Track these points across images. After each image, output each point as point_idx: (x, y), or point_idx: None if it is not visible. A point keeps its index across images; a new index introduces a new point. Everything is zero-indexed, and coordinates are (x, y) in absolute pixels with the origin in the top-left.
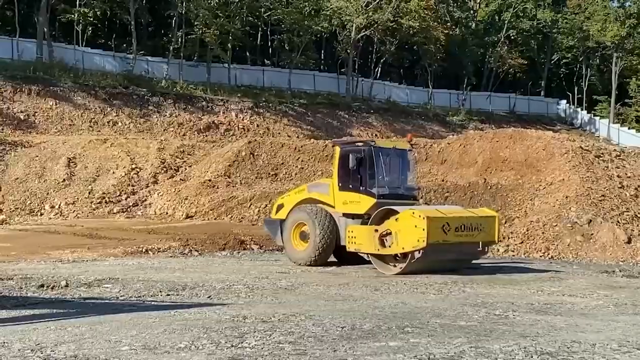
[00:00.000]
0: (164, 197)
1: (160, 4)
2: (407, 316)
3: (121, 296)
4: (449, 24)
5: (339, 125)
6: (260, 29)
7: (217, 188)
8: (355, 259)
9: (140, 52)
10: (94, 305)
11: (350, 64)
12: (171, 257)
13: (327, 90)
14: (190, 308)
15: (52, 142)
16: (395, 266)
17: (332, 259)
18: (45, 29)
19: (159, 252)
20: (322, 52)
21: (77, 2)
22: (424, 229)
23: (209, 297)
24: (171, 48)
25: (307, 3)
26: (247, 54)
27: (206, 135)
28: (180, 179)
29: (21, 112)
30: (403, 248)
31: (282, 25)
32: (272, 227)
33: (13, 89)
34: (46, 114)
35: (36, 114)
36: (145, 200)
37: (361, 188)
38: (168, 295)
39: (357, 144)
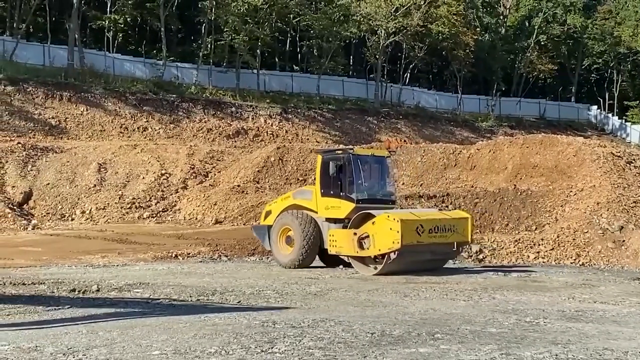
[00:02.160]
0: (193, 202)
1: (190, 11)
2: (437, 322)
3: (152, 301)
4: (478, 29)
5: (367, 131)
6: (289, 34)
7: (246, 193)
8: (340, 262)
9: (170, 58)
10: (124, 309)
11: (379, 70)
12: (200, 262)
13: (355, 95)
14: (220, 313)
15: (83, 147)
16: (374, 267)
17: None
18: (76, 36)
19: (188, 257)
20: (351, 57)
21: (108, 9)
22: (398, 231)
23: (238, 302)
24: (201, 54)
25: (336, 9)
26: (276, 59)
27: (235, 141)
28: (210, 185)
29: (52, 118)
30: (380, 250)
31: (311, 31)
32: (260, 233)
33: (45, 95)
34: (77, 119)
35: (67, 119)
36: (175, 205)
37: (341, 194)
38: (198, 300)
39: (337, 152)
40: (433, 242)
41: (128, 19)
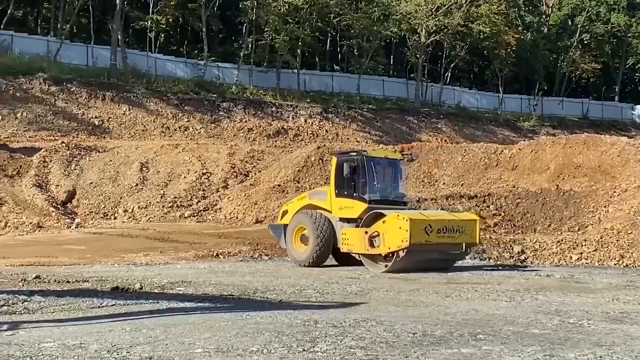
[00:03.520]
0: (234, 201)
1: (231, 11)
2: (479, 323)
3: (194, 299)
4: (520, 28)
5: (407, 131)
6: (329, 34)
7: (287, 193)
8: (354, 261)
9: (211, 58)
10: (167, 307)
11: (419, 69)
12: (241, 261)
13: (396, 95)
14: (262, 312)
15: (126, 147)
16: (384, 265)
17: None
18: (119, 36)
19: (229, 256)
20: (392, 57)
21: (150, 10)
22: (407, 230)
23: (280, 301)
24: (241, 54)
25: (376, 8)
26: (317, 59)
27: (275, 141)
28: (250, 184)
29: (95, 117)
30: (389, 248)
31: (352, 31)
32: (276, 232)
33: (88, 95)
34: (120, 119)
35: (110, 119)
36: (216, 204)
37: (354, 194)
38: (240, 298)
39: (350, 154)
40: (441, 242)
41: (170, 20)
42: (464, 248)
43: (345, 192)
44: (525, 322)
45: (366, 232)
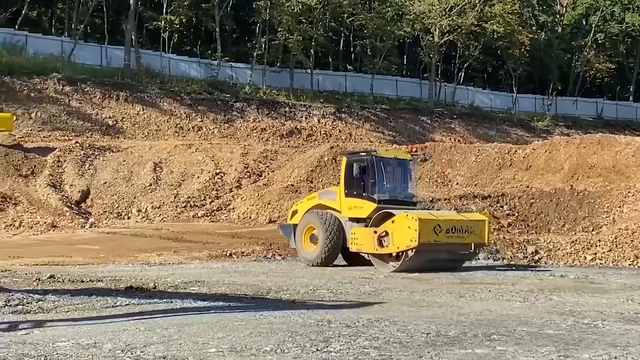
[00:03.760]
0: (247, 201)
1: (244, 11)
2: (493, 324)
3: (207, 299)
4: (534, 28)
5: (421, 131)
6: (342, 34)
7: (300, 193)
8: (363, 260)
9: (225, 58)
10: (181, 307)
11: (433, 69)
12: (255, 261)
13: (409, 95)
14: (275, 311)
15: (139, 147)
16: (393, 265)
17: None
18: (132, 36)
19: (242, 256)
20: (405, 57)
21: (164, 10)
22: (416, 230)
23: (293, 300)
24: (255, 54)
25: (390, 8)
26: (330, 59)
27: (289, 141)
28: (263, 184)
29: (109, 117)
30: (398, 247)
31: (365, 31)
32: (286, 231)
33: (102, 95)
34: (133, 119)
35: (124, 119)
36: (229, 204)
37: (364, 194)
38: (253, 298)
39: (360, 154)
40: (450, 242)
41: (183, 20)
42: (472, 248)
43: (355, 192)
44: (540, 322)
45: (375, 232)
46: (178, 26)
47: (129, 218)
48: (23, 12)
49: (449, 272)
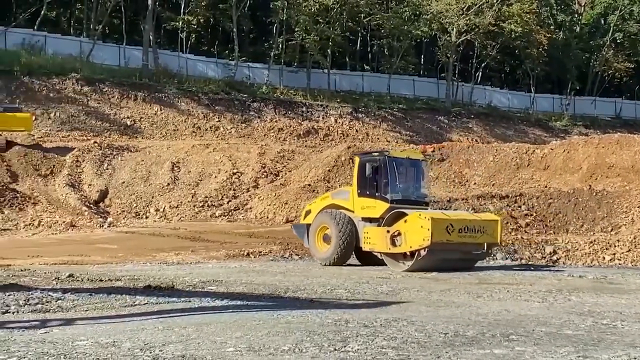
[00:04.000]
0: (264, 201)
1: (261, 11)
2: (511, 324)
3: (225, 298)
4: (552, 27)
5: (438, 130)
6: (360, 34)
7: (317, 193)
8: (376, 260)
9: (242, 59)
10: (199, 306)
11: (450, 69)
12: (272, 260)
13: (426, 95)
14: (293, 311)
15: (157, 147)
16: (404, 264)
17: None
18: (150, 37)
19: (260, 255)
20: (422, 56)
21: (182, 10)
22: (428, 229)
23: (311, 300)
24: (272, 54)
25: (407, 8)
26: (347, 59)
27: (306, 141)
28: (281, 184)
29: (127, 117)
30: (410, 247)
31: (382, 31)
32: (300, 231)
33: (120, 95)
34: (151, 119)
35: (142, 119)
36: (246, 204)
37: (376, 194)
38: (271, 298)
39: (373, 154)
40: (462, 242)
41: (201, 20)
42: (485, 248)
43: (368, 192)
44: (558, 323)
45: (388, 231)
46: (196, 26)
47: (147, 217)
48: (42, 12)
49: (467, 272)
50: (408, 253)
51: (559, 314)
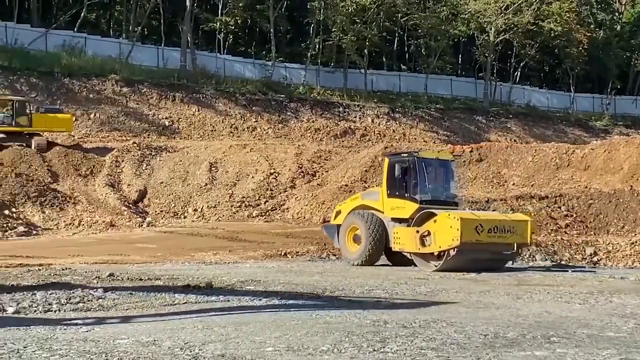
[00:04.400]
0: (301, 201)
1: (298, 11)
2: (552, 326)
3: (263, 297)
4: (592, 26)
5: (476, 130)
6: (397, 34)
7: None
8: (406, 260)
9: (279, 59)
10: (238, 305)
11: (488, 68)
12: (309, 260)
13: (464, 95)
14: (331, 311)
15: (195, 147)
16: (435, 264)
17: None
18: (188, 38)
19: (297, 255)
20: (460, 56)
21: (219, 11)
22: (457, 229)
23: (349, 300)
24: (309, 54)
25: (444, 7)
26: (384, 59)
27: (342, 141)
28: (317, 184)
29: (166, 118)
30: (440, 247)
31: (419, 30)
32: (330, 232)
33: (158, 96)
34: (189, 120)
35: (180, 120)
36: (283, 204)
37: (406, 195)
38: (309, 298)
39: (402, 155)
40: (492, 242)
41: (238, 21)
42: (515, 248)
43: (397, 193)
44: (600, 325)
45: (417, 232)
46: (233, 27)
47: (185, 217)
48: (82, 14)
49: (506, 274)
50: (437, 253)
51: (601, 316)
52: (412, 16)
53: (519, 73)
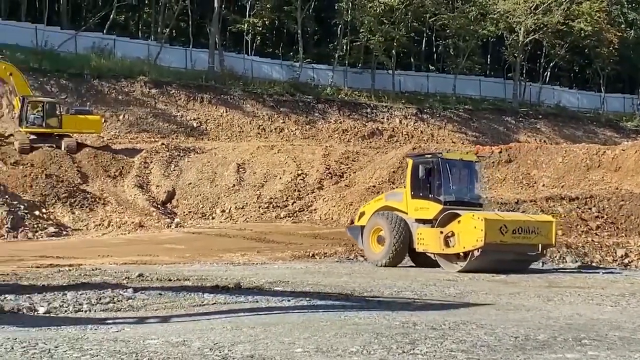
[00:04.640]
0: (329, 202)
1: (326, 12)
2: (583, 328)
3: (292, 298)
4: (622, 26)
5: (505, 131)
6: (425, 34)
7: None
8: (430, 261)
9: (306, 60)
10: (266, 306)
11: (517, 68)
12: (337, 262)
13: (493, 95)
14: (360, 312)
15: (223, 148)
16: (458, 265)
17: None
18: (216, 39)
19: (325, 256)
20: (489, 56)
21: (247, 13)
22: (482, 230)
23: (378, 301)
24: (336, 55)
25: (473, 7)
26: (412, 59)
27: (370, 142)
28: (345, 185)
29: (194, 119)
30: (464, 247)
31: (448, 30)
32: (354, 233)
33: (187, 97)
34: (217, 121)
35: (208, 121)
36: (311, 205)
37: (430, 196)
38: (337, 299)
39: (426, 156)
40: (516, 243)
41: (266, 22)
42: (539, 249)
43: (421, 194)
44: (632, 327)
45: (441, 232)
46: (261, 28)
47: (213, 218)
48: (111, 16)
49: (536, 275)
50: (462, 254)
51: (633, 318)
52: (441, 16)
53: (548, 73)
